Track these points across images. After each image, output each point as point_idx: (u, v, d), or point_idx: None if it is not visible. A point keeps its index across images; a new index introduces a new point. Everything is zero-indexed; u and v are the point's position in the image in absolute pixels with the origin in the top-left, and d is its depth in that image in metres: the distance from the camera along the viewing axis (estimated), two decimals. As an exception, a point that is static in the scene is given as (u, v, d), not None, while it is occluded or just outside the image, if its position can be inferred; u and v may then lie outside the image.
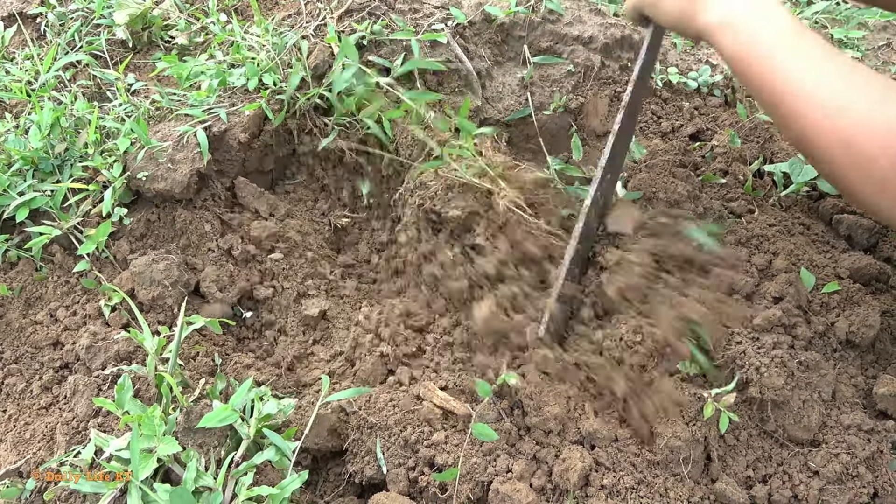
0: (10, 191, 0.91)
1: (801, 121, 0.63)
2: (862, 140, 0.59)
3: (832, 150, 0.61)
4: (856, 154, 0.59)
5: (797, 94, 0.63)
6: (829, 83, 0.62)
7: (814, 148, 0.62)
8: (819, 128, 0.62)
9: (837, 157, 0.61)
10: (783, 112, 0.64)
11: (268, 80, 1.02)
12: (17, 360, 0.87)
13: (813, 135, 0.62)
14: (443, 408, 0.76)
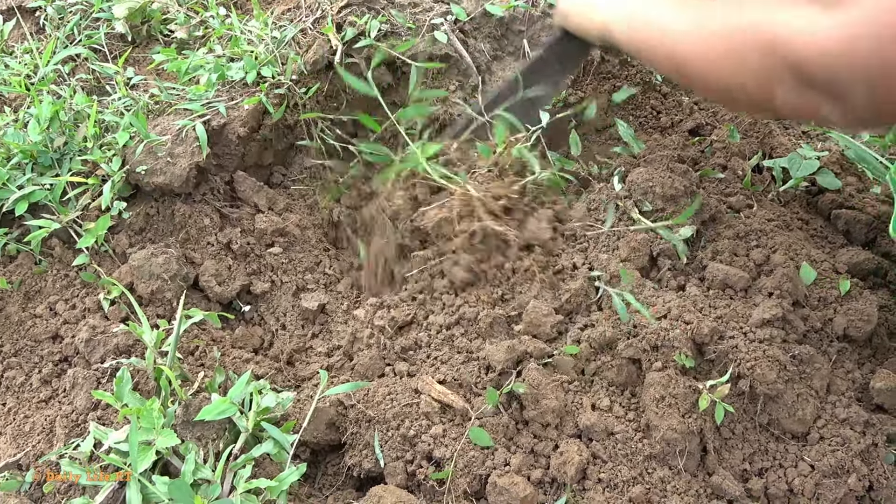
0: (10, 184, 0.91)
1: (693, 63, 0.70)
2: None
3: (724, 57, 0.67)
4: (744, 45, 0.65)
5: (685, 43, 0.70)
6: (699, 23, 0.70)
7: (713, 81, 0.69)
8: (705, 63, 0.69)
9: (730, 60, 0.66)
10: (681, 68, 0.71)
11: (266, 73, 1.02)
12: (17, 354, 0.87)
13: (707, 70, 0.69)
14: (441, 401, 0.76)
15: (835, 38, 0.60)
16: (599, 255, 0.86)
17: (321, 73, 1.07)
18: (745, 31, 0.65)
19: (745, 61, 0.65)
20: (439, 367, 0.81)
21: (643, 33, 0.75)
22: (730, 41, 0.67)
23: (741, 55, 0.65)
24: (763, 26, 0.64)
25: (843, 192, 0.98)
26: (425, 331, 0.86)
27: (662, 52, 0.73)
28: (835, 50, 0.60)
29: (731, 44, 0.66)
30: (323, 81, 1.08)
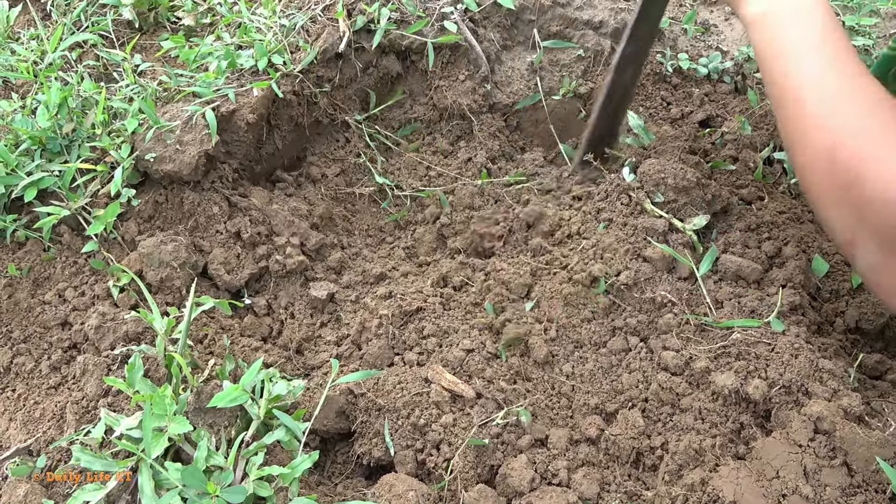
0: (19, 170, 0.91)
1: (794, 123, 0.63)
2: (841, 150, 0.57)
3: (814, 157, 0.59)
4: (835, 164, 0.57)
5: (798, 100, 0.62)
6: (827, 91, 0.61)
7: (799, 153, 0.62)
8: (805, 132, 0.61)
9: (817, 165, 0.59)
10: (784, 114, 0.64)
11: (277, 60, 1.02)
12: (26, 340, 0.87)
13: (802, 138, 0.61)
14: (451, 391, 0.76)
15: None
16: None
17: (331, 62, 1.07)
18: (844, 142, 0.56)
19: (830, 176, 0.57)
20: (448, 356, 0.81)
21: (776, 67, 0.66)
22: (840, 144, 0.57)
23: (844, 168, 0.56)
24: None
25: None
26: (433, 321, 0.86)
27: (779, 91, 0.65)
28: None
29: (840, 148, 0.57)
30: (333, 69, 1.07)
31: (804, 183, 0.62)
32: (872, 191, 0.53)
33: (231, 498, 0.61)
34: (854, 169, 0.55)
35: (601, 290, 0.81)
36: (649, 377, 0.75)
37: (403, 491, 0.68)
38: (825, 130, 0.59)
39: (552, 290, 0.85)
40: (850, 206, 0.55)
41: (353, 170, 1.13)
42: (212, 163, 0.97)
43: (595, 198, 0.92)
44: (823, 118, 0.60)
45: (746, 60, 1.19)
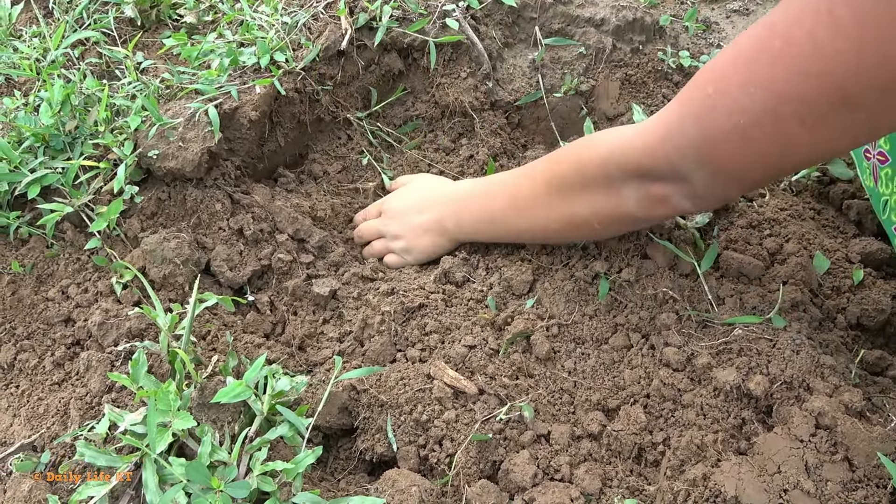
0: (22, 167, 0.91)
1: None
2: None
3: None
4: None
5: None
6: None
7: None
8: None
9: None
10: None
11: (279, 58, 1.02)
12: (29, 337, 0.88)
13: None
14: (453, 387, 0.77)
15: (653, 128, 0.65)
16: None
17: (333, 59, 1.07)
18: (584, 162, 0.73)
19: (593, 184, 0.72)
20: (450, 352, 0.81)
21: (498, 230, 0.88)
22: (572, 166, 0.75)
23: (585, 178, 0.73)
24: (591, 150, 0.72)
25: (854, 182, 0.97)
26: (435, 317, 0.86)
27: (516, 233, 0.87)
28: (657, 134, 0.64)
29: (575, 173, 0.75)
30: (335, 67, 1.08)
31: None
32: (618, 152, 0.70)
33: (235, 493, 0.61)
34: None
35: (603, 286, 0.82)
36: (651, 373, 0.75)
37: (406, 486, 0.68)
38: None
39: (554, 288, 0.85)
40: (601, 181, 0.72)
41: (355, 167, 1.13)
42: (214, 160, 0.97)
43: None
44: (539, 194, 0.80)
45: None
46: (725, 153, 0.58)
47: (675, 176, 0.64)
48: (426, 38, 1.08)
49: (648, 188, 0.68)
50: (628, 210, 0.71)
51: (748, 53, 0.55)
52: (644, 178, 0.67)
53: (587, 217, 0.75)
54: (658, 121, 0.65)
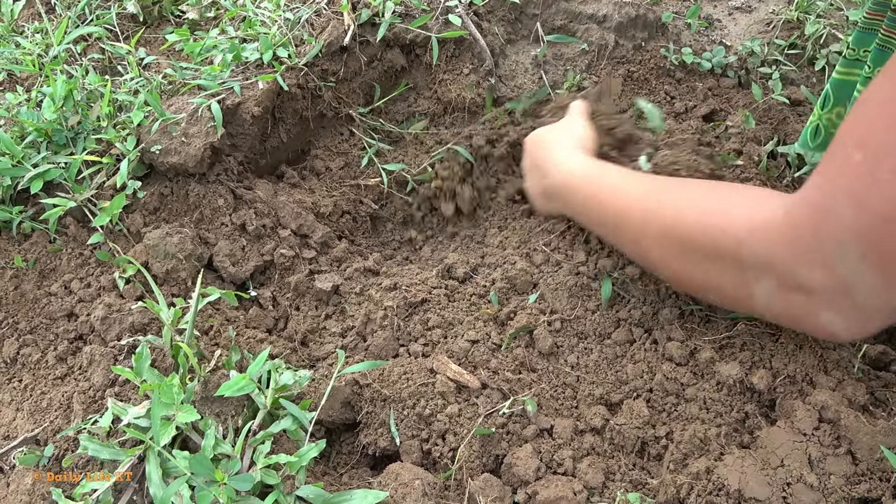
0: (25, 162, 0.91)
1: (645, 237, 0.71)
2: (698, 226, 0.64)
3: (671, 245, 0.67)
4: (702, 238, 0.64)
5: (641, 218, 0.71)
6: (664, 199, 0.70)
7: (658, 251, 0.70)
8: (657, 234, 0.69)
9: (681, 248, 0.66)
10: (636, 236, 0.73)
11: (282, 53, 1.02)
12: (32, 331, 0.88)
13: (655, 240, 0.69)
14: (457, 381, 0.77)
15: (798, 210, 0.53)
16: None
17: (336, 55, 1.07)
18: (699, 224, 0.63)
19: (707, 259, 0.62)
20: (452, 346, 0.81)
21: (607, 205, 0.77)
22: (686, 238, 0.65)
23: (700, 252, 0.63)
24: (728, 223, 0.60)
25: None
26: (438, 312, 0.86)
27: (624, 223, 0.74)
28: (804, 219, 0.52)
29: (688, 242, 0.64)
30: (338, 63, 1.08)
31: (682, 276, 0.69)
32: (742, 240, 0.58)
33: (239, 486, 0.61)
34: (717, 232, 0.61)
35: (605, 287, 0.81)
36: (654, 368, 0.75)
37: (409, 479, 0.68)
38: (675, 218, 0.66)
39: (556, 283, 0.85)
40: (731, 263, 0.60)
41: (358, 163, 1.13)
42: (217, 155, 0.97)
43: None
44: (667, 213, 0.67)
45: (750, 55, 1.20)
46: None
47: (827, 281, 0.50)
48: (429, 34, 1.08)
49: (788, 295, 0.54)
50: (756, 307, 0.60)
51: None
52: (784, 279, 0.54)
53: (704, 286, 0.65)
54: (803, 201, 0.53)
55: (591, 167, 0.82)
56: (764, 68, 1.19)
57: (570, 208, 0.85)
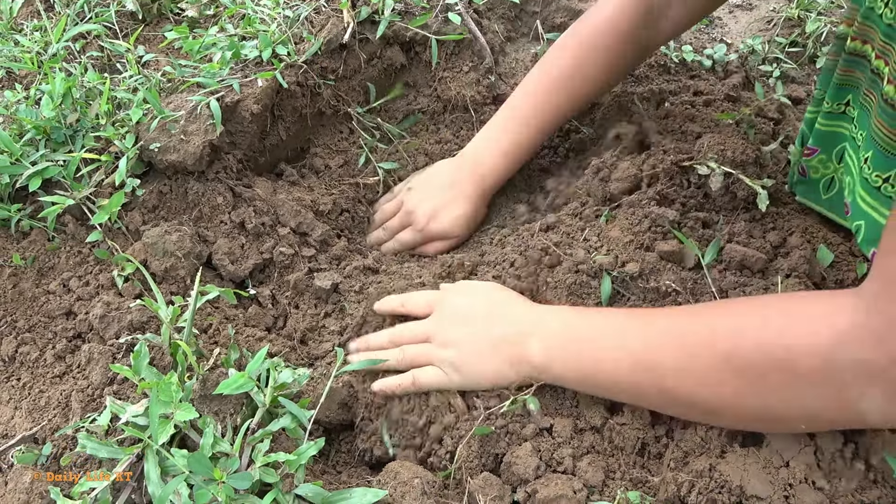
0: (23, 160, 0.91)
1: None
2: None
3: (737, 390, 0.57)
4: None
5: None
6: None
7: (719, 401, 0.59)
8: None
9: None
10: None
11: (281, 51, 1.02)
12: (31, 330, 0.87)
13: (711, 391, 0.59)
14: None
15: (867, 315, 0.49)
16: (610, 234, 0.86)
17: (335, 53, 1.07)
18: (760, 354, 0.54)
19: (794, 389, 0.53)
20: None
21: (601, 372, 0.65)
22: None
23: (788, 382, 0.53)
24: (802, 338, 0.53)
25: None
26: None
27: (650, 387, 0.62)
28: (878, 324, 0.48)
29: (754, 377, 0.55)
30: (337, 60, 1.07)
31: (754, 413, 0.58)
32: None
33: (238, 484, 0.61)
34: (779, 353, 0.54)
35: (605, 285, 0.81)
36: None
37: (409, 478, 0.68)
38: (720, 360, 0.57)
39: (556, 281, 0.85)
40: (820, 384, 0.52)
41: (356, 161, 1.12)
42: (216, 153, 0.97)
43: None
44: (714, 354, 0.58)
45: (751, 53, 1.19)
46: None
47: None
48: (428, 35, 1.08)
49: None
50: (871, 424, 0.55)
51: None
52: (893, 383, 0.50)
53: (792, 419, 0.57)
54: (889, 291, 0.49)
55: (576, 314, 0.72)
56: (765, 66, 1.18)
57: (553, 362, 0.70)
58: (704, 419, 0.63)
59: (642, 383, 0.62)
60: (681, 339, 0.60)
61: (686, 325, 0.61)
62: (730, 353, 0.56)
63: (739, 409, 0.57)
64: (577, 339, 0.67)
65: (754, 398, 0.56)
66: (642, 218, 0.83)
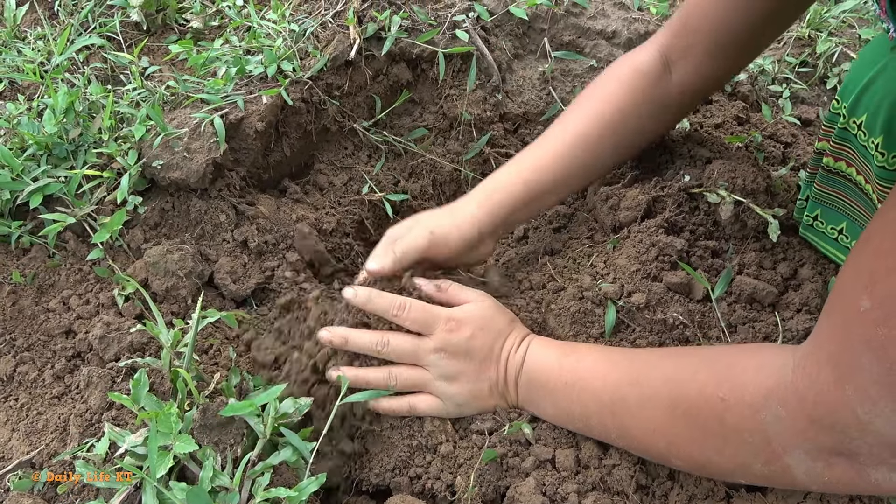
0: (24, 176, 0.90)
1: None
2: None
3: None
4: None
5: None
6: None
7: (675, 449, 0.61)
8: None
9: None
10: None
11: (286, 67, 1.01)
12: (30, 348, 0.86)
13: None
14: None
15: (812, 363, 0.49)
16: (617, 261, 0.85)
17: (341, 69, 1.05)
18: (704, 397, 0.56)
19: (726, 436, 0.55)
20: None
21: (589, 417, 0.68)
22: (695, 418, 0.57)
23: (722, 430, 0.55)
24: (733, 390, 0.55)
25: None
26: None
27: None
28: (823, 374, 0.48)
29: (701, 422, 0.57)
30: (343, 77, 1.06)
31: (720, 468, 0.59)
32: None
33: (236, 520, 0.60)
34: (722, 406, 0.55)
35: (610, 315, 0.80)
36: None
37: (411, 512, 0.67)
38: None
39: (559, 308, 0.84)
40: (750, 437, 0.54)
41: (361, 178, 1.11)
42: (219, 171, 0.96)
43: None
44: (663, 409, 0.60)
45: (761, 72, 1.18)
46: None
47: (865, 439, 0.46)
48: (435, 48, 1.07)
49: (830, 461, 0.49)
50: (798, 481, 0.53)
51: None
52: (817, 444, 0.49)
53: (731, 470, 0.58)
54: (817, 352, 0.50)
55: (555, 350, 0.73)
56: (774, 86, 1.17)
57: (531, 396, 0.73)
58: (662, 462, 0.65)
59: (608, 426, 0.66)
60: (638, 386, 0.63)
61: (643, 371, 0.64)
62: (676, 400, 0.59)
63: (685, 455, 0.60)
64: (551, 383, 0.70)
65: (695, 445, 0.58)
66: (650, 247, 0.82)
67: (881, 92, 0.67)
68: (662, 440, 0.60)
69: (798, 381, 0.50)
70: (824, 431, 0.48)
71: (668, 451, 0.61)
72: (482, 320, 0.74)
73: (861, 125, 0.70)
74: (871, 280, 0.45)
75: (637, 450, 0.65)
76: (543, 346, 0.73)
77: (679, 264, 0.80)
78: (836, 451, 0.49)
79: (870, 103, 0.69)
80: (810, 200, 0.83)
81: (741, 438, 0.54)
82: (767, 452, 0.53)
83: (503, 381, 0.73)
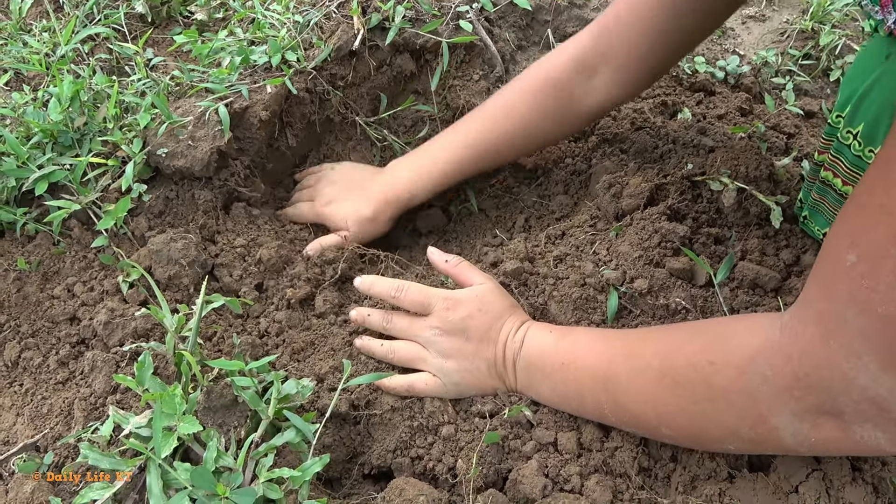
0: (30, 163, 0.90)
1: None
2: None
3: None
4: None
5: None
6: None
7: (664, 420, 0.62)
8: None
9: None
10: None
11: (291, 57, 1.01)
12: (34, 335, 0.87)
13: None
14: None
15: (802, 325, 0.49)
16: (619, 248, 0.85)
17: (345, 59, 1.06)
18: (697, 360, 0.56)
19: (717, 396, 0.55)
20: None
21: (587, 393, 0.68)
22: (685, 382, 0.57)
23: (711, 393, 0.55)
24: (722, 352, 0.55)
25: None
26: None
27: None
28: (810, 333, 0.48)
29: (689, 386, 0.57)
30: (347, 67, 1.07)
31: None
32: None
33: (241, 500, 0.60)
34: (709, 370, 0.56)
35: (612, 301, 0.80)
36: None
37: (414, 496, 0.67)
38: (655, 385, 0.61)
39: (562, 294, 0.84)
40: (738, 399, 0.53)
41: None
42: (224, 159, 0.96)
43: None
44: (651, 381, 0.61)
45: (764, 65, 1.18)
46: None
47: (851, 396, 0.46)
48: (439, 38, 1.07)
49: (816, 421, 0.49)
50: (786, 444, 0.53)
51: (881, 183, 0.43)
52: (804, 404, 0.49)
53: (720, 436, 0.57)
54: (805, 311, 0.50)
55: (554, 334, 0.73)
56: (777, 78, 1.17)
57: (526, 379, 0.73)
58: (654, 435, 0.65)
59: (601, 401, 0.66)
60: (630, 358, 0.63)
61: (635, 345, 0.65)
62: (665, 369, 0.59)
63: (674, 424, 0.60)
64: (549, 366, 0.70)
65: (684, 414, 0.58)
66: (652, 233, 0.82)
67: (878, 102, 0.67)
68: (652, 411, 0.61)
69: (784, 340, 0.50)
70: (810, 390, 0.48)
71: (659, 421, 0.61)
72: (481, 302, 0.75)
73: (857, 135, 0.70)
74: (857, 234, 0.45)
75: (629, 424, 0.65)
76: (541, 331, 0.74)
77: (682, 250, 0.80)
78: (822, 409, 0.49)
79: (867, 113, 0.68)
80: (805, 205, 0.83)
81: (728, 401, 0.54)
82: (754, 415, 0.52)
83: (501, 364, 0.73)
